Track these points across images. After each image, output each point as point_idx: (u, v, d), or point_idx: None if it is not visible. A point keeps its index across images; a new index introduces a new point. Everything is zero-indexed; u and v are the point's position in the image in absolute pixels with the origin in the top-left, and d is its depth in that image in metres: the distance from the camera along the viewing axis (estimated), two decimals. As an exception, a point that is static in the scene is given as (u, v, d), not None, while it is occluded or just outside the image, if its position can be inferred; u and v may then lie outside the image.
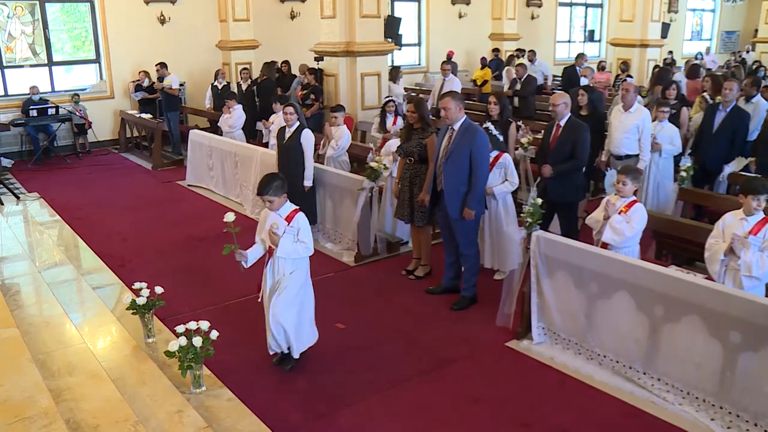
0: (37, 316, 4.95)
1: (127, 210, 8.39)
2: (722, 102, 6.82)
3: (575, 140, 5.73)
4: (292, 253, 4.24)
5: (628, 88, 6.75)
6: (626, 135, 6.64)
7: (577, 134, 5.77)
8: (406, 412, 4.05)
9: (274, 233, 4.16)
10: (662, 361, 4.09)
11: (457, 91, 6.25)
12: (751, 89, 7.65)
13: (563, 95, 6.00)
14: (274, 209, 4.26)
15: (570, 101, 5.94)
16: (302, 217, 4.31)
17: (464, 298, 5.46)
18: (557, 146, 5.83)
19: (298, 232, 4.26)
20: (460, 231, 5.32)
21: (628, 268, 4.21)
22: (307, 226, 4.34)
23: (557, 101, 5.87)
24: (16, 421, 3.41)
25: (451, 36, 16.76)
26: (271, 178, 4.25)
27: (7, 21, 11.52)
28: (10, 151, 11.25)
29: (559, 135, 5.86)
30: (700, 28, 23.38)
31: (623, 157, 6.66)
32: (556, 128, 5.91)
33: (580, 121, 6.05)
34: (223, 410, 3.86)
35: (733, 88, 6.70)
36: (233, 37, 12.93)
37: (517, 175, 5.93)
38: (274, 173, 4.41)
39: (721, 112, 6.79)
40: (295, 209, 4.31)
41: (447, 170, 5.18)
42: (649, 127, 6.64)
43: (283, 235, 4.19)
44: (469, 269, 5.46)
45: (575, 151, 5.74)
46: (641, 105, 6.93)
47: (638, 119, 6.60)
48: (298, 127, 6.60)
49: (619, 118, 6.76)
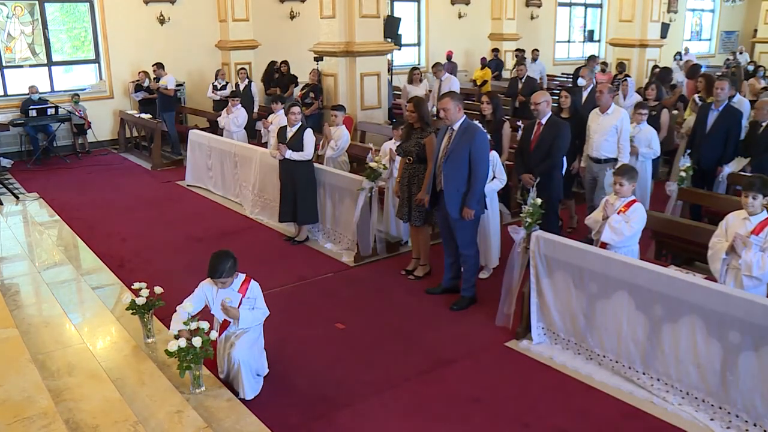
0: (36, 316, 4.94)
1: (127, 210, 8.38)
2: (714, 101, 6.79)
3: (554, 137, 5.78)
4: (253, 321, 4.15)
5: (602, 89, 6.59)
6: (604, 137, 6.51)
7: (557, 132, 5.80)
8: (406, 412, 4.05)
9: (229, 308, 4.02)
10: (662, 361, 4.09)
11: (456, 92, 6.26)
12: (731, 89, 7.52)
13: (544, 93, 6.02)
14: (227, 287, 4.09)
15: (550, 99, 5.98)
16: (255, 285, 4.19)
17: (464, 298, 5.46)
18: (538, 145, 5.88)
19: (255, 300, 4.17)
20: (459, 231, 5.32)
21: (627, 268, 4.21)
22: (260, 292, 4.22)
23: (539, 99, 5.88)
24: (16, 421, 3.40)
25: (450, 36, 16.76)
26: (224, 259, 4.00)
27: (7, 21, 11.52)
28: (10, 151, 11.24)
29: (540, 133, 5.88)
30: (699, 28, 23.39)
31: (602, 160, 6.57)
32: (537, 126, 5.94)
33: (560, 120, 6.09)
34: (222, 410, 3.86)
35: (724, 88, 6.66)
36: (233, 37, 12.92)
37: (504, 171, 5.94)
38: (224, 252, 4.07)
39: (714, 111, 6.75)
40: (247, 278, 4.17)
41: (447, 170, 5.18)
42: (627, 129, 6.53)
43: (241, 307, 4.08)
44: (468, 269, 5.46)
45: (551, 149, 5.79)
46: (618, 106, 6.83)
47: (616, 120, 6.48)
48: (300, 126, 6.65)
49: (596, 121, 6.63)
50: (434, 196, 5.40)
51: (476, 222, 5.41)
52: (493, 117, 6.76)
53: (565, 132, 5.90)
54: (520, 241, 4.81)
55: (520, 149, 6.17)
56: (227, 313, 4.05)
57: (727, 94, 6.75)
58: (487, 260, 6.02)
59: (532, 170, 5.92)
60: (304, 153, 6.61)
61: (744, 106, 7.60)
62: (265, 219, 7.77)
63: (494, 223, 6.01)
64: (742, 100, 7.67)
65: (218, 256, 4.03)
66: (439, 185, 5.28)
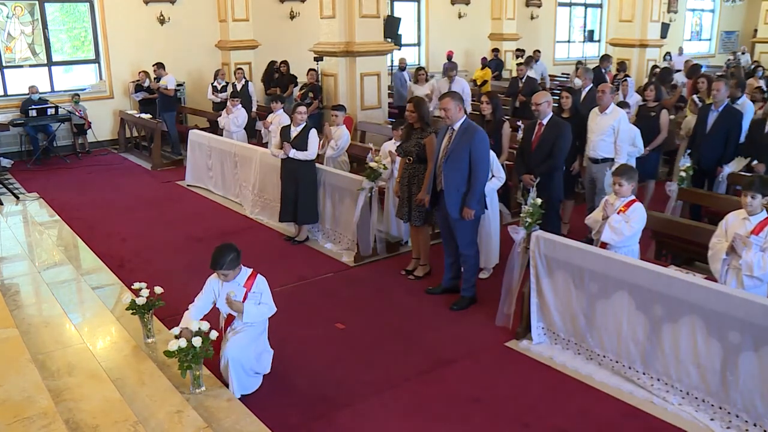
0: (36, 316, 4.94)
1: (127, 210, 8.38)
2: (713, 102, 6.80)
3: (556, 137, 5.78)
4: (258, 316, 4.13)
5: (603, 89, 6.61)
6: (602, 137, 6.52)
7: (558, 132, 5.80)
8: (406, 412, 4.05)
9: (233, 301, 4.01)
10: (662, 361, 4.09)
11: (457, 92, 6.27)
12: (735, 91, 7.57)
13: (545, 94, 6.02)
14: (230, 280, 4.07)
15: (551, 100, 5.97)
16: (262, 280, 4.18)
17: (464, 298, 5.46)
18: (539, 145, 5.88)
19: (261, 295, 4.15)
20: (459, 231, 5.32)
21: (627, 268, 4.21)
22: (267, 288, 4.20)
23: (539, 100, 5.87)
24: (16, 421, 3.40)
25: (450, 36, 16.76)
26: (226, 252, 4.00)
27: (7, 21, 11.52)
28: (10, 151, 11.24)
29: (541, 134, 5.88)
30: (699, 28, 23.38)
31: (599, 160, 6.57)
32: (538, 127, 5.94)
33: (561, 120, 6.08)
34: (222, 410, 3.86)
35: (720, 89, 6.66)
36: (233, 37, 12.92)
37: (503, 169, 5.92)
38: (227, 245, 4.07)
39: (714, 112, 6.76)
40: (253, 272, 4.16)
41: (447, 170, 5.18)
42: (624, 129, 6.52)
43: (246, 301, 4.07)
44: (468, 269, 5.46)
45: (552, 149, 5.79)
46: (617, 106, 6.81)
47: (614, 120, 6.47)
48: (305, 126, 6.68)
49: (595, 120, 6.63)
50: (434, 196, 5.40)
51: (476, 222, 5.41)
52: (492, 117, 6.76)
53: (567, 132, 5.91)
54: (520, 241, 4.81)
55: (521, 149, 6.16)
56: (231, 306, 4.04)
57: (724, 95, 6.75)
58: (487, 260, 6.01)
59: (532, 171, 5.90)
60: (307, 153, 6.63)
61: (746, 107, 7.60)
62: (265, 219, 7.77)
63: (494, 223, 6.01)
64: (746, 102, 7.67)
65: (220, 248, 4.04)
66: (440, 185, 5.28)
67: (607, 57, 12.69)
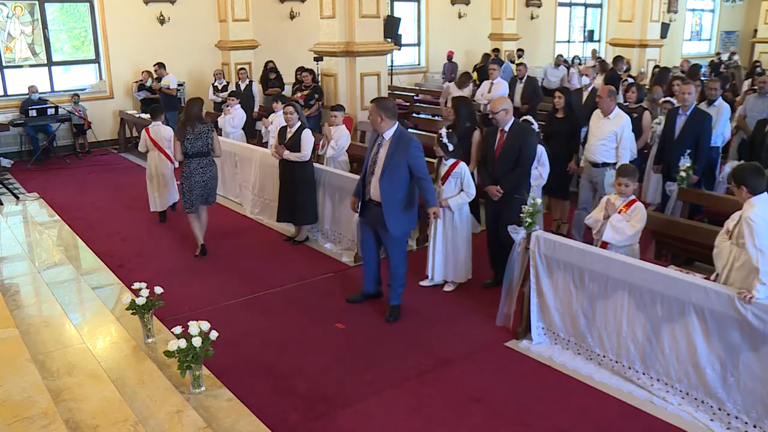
0: (36, 316, 4.94)
1: (127, 210, 8.38)
2: (681, 106, 6.58)
3: (521, 145, 5.43)
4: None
5: (602, 94, 6.26)
6: (602, 142, 6.22)
7: (522, 138, 5.47)
8: (406, 412, 4.05)
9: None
10: (662, 361, 4.09)
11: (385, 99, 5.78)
12: (712, 92, 7.34)
13: (503, 100, 5.54)
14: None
15: (511, 107, 5.57)
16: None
17: (395, 308, 5.29)
18: (503, 152, 5.48)
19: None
20: (392, 248, 5.19)
21: (627, 268, 4.21)
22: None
23: (497, 108, 5.44)
24: (16, 421, 3.40)
25: (450, 36, 16.77)
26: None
27: (7, 21, 11.52)
28: (10, 151, 11.25)
29: (504, 141, 5.49)
30: (699, 28, 23.39)
31: (599, 164, 6.30)
32: (500, 134, 5.53)
33: (524, 125, 5.82)
34: (222, 410, 3.86)
35: (690, 92, 6.43)
36: (233, 37, 12.93)
37: (473, 185, 5.60)
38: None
39: (682, 116, 6.53)
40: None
41: (384, 184, 4.96)
42: (628, 135, 6.23)
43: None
44: (397, 280, 5.28)
45: (519, 156, 5.42)
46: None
47: (617, 126, 6.17)
48: (300, 126, 6.64)
49: (597, 123, 6.33)
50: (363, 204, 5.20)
51: (405, 237, 5.28)
52: (457, 124, 6.48)
53: (531, 139, 5.56)
54: (520, 241, 4.81)
55: (484, 158, 5.75)
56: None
57: (693, 98, 6.51)
58: (456, 274, 5.75)
59: (498, 181, 5.49)
60: (301, 154, 6.59)
61: (723, 108, 7.31)
62: (265, 219, 7.77)
63: (464, 235, 5.72)
64: (722, 104, 7.37)
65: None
66: (367, 195, 5.12)
67: (620, 58, 12.57)
